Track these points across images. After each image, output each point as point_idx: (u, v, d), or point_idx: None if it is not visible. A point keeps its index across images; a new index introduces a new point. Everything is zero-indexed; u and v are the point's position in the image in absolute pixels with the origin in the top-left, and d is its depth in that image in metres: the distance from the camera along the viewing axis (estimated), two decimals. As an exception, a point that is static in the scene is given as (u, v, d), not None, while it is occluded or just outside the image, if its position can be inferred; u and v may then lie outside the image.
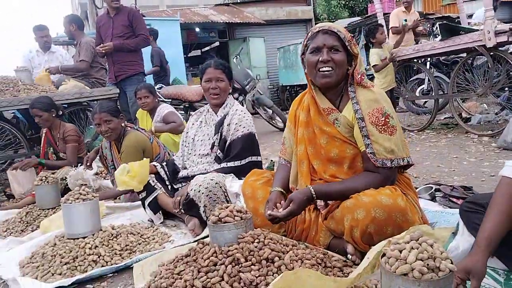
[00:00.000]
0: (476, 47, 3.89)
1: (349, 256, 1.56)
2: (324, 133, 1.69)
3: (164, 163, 2.57)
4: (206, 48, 14.29)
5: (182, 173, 2.49)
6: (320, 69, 1.62)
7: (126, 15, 4.25)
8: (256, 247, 1.41)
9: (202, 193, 2.10)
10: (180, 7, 13.71)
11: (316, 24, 13.44)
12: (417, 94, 5.97)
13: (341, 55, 1.62)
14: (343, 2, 16.11)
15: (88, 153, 3.98)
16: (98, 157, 3.10)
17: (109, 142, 2.91)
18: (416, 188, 2.38)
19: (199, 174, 2.33)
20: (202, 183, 2.12)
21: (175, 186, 2.46)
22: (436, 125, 5.08)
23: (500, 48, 4.01)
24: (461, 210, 1.55)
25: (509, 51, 4.72)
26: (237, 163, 2.30)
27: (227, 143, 2.37)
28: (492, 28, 3.62)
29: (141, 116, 4.08)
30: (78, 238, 1.98)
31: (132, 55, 4.33)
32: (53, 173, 3.07)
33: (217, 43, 13.20)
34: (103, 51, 4.15)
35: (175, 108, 4.25)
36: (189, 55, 13.00)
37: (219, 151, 2.39)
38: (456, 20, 9.22)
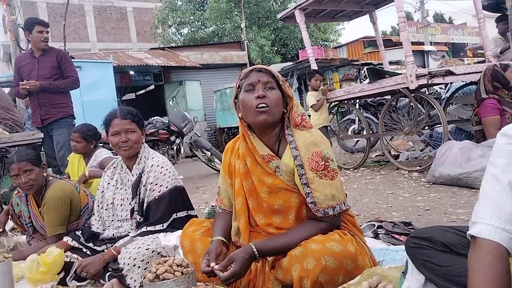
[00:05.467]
0: (400, 89, 4.18)
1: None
2: (264, 184, 1.58)
3: (79, 232, 2.29)
4: (141, 92, 14.04)
5: (107, 234, 2.24)
6: (257, 106, 1.52)
7: (54, 56, 3.99)
8: (200, 306, 1.25)
9: (139, 267, 1.85)
10: (113, 51, 13.47)
11: (251, 68, 13.92)
12: (349, 133, 6.27)
13: (277, 92, 1.55)
14: (275, 49, 16.92)
15: (2, 206, 3.53)
16: (10, 217, 2.72)
17: (26, 196, 2.56)
18: (360, 226, 2.38)
19: (125, 236, 2.12)
20: (137, 256, 1.87)
21: (98, 249, 2.18)
22: (369, 163, 5.29)
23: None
24: (407, 247, 1.53)
25: (427, 93, 5.18)
26: (158, 227, 2.07)
27: (145, 206, 2.15)
28: (413, 72, 3.93)
29: (72, 160, 3.74)
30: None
31: (61, 97, 4.04)
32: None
33: (152, 86, 13.03)
34: (28, 88, 3.81)
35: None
36: (123, 99, 12.64)
37: (138, 216, 2.16)
38: (378, 66, 10.06)
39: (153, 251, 1.92)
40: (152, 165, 2.20)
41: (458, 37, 22.10)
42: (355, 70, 12.84)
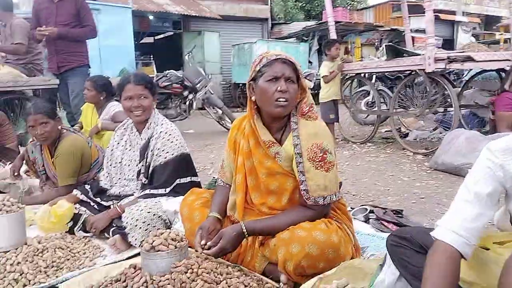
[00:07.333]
0: (417, 70, 4.10)
1: (281, 285, 1.58)
2: (263, 166, 1.67)
3: (88, 186, 2.45)
4: (160, 36, 13.87)
5: (114, 191, 2.40)
6: (278, 99, 1.56)
7: (73, 3, 3.98)
8: (189, 278, 1.38)
9: (140, 227, 2.02)
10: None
11: (272, 23, 13.53)
12: (362, 105, 6.23)
13: (295, 87, 1.60)
14: (299, 4, 16.31)
15: (19, 147, 3.69)
16: (24, 162, 2.89)
17: (40, 145, 2.70)
18: (353, 209, 2.48)
19: (130, 195, 2.27)
20: (139, 217, 2.02)
21: (105, 204, 2.34)
22: (377, 138, 5.31)
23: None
24: (387, 243, 1.62)
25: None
26: (161, 191, 2.21)
27: (150, 170, 2.28)
28: (432, 55, 3.84)
29: (86, 110, 3.84)
30: (-2, 253, 1.84)
31: (78, 45, 4.10)
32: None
33: (171, 33, 12.86)
34: (46, 35, 3.84)
35: None
36: (141, 42, 12.55)
37: (144, 178, 2.30)
38: (403, 33, 9.67)
39: (154, 215, 2.06)
40: (161, 132, 2.29)
41: (494, 9, 20.93)
42: (379, 36, 12.42)
